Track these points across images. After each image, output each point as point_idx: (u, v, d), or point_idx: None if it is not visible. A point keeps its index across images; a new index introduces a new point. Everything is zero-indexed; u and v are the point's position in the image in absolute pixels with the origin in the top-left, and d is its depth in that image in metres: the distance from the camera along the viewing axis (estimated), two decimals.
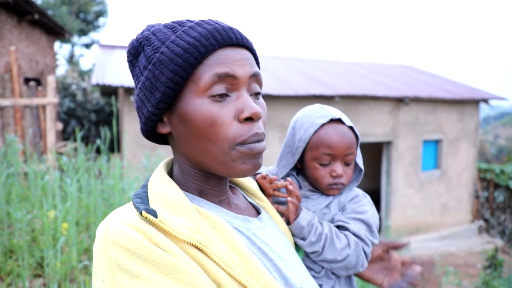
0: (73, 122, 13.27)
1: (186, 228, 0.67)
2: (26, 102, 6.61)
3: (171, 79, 0.71)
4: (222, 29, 0.73)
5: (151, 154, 6.80)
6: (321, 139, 1.00)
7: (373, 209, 1.02)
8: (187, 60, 0.70)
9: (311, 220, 0.95)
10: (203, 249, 0.66)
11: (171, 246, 0.63)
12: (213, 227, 0.71)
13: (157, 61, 0.72)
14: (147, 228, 0.64)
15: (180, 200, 0.71)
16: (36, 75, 9.54)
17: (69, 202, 3.22)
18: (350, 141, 1.00)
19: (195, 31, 0.72)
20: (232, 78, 0.71)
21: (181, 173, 0.81)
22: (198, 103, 0.71)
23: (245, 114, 0.71)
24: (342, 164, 1.01)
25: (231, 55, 0.73)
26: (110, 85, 7.74)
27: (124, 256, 0.60)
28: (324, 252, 0.93)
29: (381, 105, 10.25)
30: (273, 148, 9.18)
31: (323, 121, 1.00)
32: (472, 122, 11.82)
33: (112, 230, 0.64)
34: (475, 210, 12.31)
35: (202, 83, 0.71)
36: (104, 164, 4.36)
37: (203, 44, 0.71)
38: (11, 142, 4.25)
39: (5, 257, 2.93)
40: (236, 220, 0.79)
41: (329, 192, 1.03)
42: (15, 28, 8.25)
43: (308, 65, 13.16)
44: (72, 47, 23.18)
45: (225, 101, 0.72)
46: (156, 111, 0.74)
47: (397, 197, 10.67)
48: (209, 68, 0.71)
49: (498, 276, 7.13)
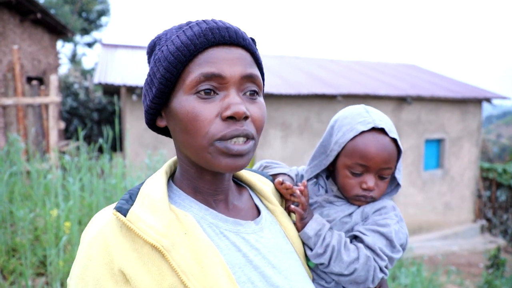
0: (75, 121, 13.30)
1: (154, 230, 0.69)
2: (29, 101, 6.63)
3: (163, 76, 0.74)
4: (216, 28, 0.74)
5: (154, 153, 6.81)
6: (358, 147, 0.92)
7: (399, 224, 0.94)
8: (178, 58, 0.73)
9: (320, 230, 0.90)
10: (164, 253, 0.67)
11: (123, 255, 0.68)
12: (184, 233, 0.71)
13: (157, 58, 0.76)
14: (111, 233, 0.70)
15: (160, 201, 0.73)
16: (39, 74, 9.57)
17: (72, 201, 3.23)
18: (390, 155, 0.92)
19: (192, 30, 0.74)
20: (219, 77, 0.72)
21: (180, 170, 0.84)
22: (184, 99, 0.73)
23: (227, 112, 0.71)
24: (375, 177, 0.94)
25: (221, 54, 0.73)
26: (112, 84, 7.75)
27: (79, 258, 0.71)
28: (330, 264, 0.89)
29: (383, 104, 10.23)
30: (275, 147, 9.18)
31: (364, 128, 0.92)
32: (474, 121, 11.78)
33: (90, 230, 0.73)
34: (478, 209, 12.28)
35: (188, 81, 0.73)
36: (107, 163, 4.36)
37: (193, 42, 0.73)
38: (13, 141, 4.26)
39: (8, 256, 2.94)
40: (225, 223, 0.78)
41: (355, 202, 0.97)
42: (18, 27, 8.27)
43: (310, 64, 13.14)
44: (75, 46, 23.22)
45: (211, 99, 0.73)
46: (152, 105, 0.78)
47: (399, 196, 10.65)
48: (197, 67, 0.73)
49: (500, 275, 7.11)
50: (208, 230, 0.76)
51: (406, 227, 0.97)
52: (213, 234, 0.76)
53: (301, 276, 0.84)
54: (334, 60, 14.90)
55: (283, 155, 9.20)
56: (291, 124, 9.31)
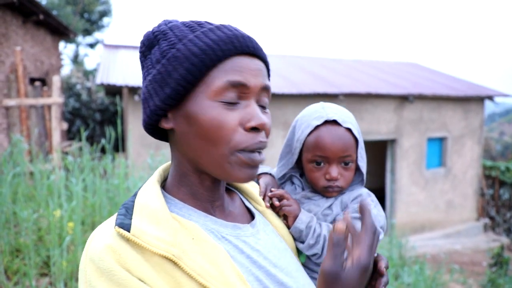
0: (78, 122, 13.34)
1: (161, 241, 0.67)
2: (32, 102, 6.66)
3: (184, 77, 0.71)
4: (241, 37, 0.74)
5: (156, 153, 6.82)
6: (314, 141, 0.98)
7: (377, 208, 1.00)
8: (203, 61, 0.71)
9: (309, 222, 0.94)
10: (176, 262, 0.66)
11: (138, 266, 0.65)
12: (192, 238, 0.71)
13: (172, 57, 0.73)
14: (119, 245, 0.66)
15: (160, 211, 0.71)
16: (41, 75, 9.60)
17: (75, 201, 3.24)
18: (346, 143, 0.97)
19: (215, 34, 0.73)
20: (244, 87, 0.72)
21: (176, 176, 0.81)
22: (207, 105, 0.72)
23: (251, 123, 0.72)
24: (338, 166, 0.98)
25: (246, 63, 0.73)
26: (114, 84, 7.77)
27: (96, 275, 0.64)
28: (323, 254, 0.92)
29: (385, 103, 10.21)
30: (276, 147, 9.18)
31: (318, 122, 0.98)
32: (477, 119, 11.75)
33: (92, 248, 0.67)
34: (481, 207, 12.25)
35: (214, 87, 0.71)
36: (109, 164, 4.38)
37: (221, 48, 0.71)
38: (17, 142, 4.28)
39: (12, 256, 2.96)
40: (225, 228, 0.79)
41: (326, 194, 1.01)
42: (20, 29, 8.30)
43: (312, 63, 13.14)
44: (77, 47, 23.28)
45: (234, 107, 0.73)
46: (162, 106, 0.74)
47: (401, 195, 10.64)
48: (223, 73, 0.71)
49: (504, 274, 7.09)
50: (210, 235, 0.76)
51: (382, 210, 1.02)
52: (215, 239, 0.76)
53: (300, 272, 0.86)
54: (336, 59, 14.89)
55: None
56: None
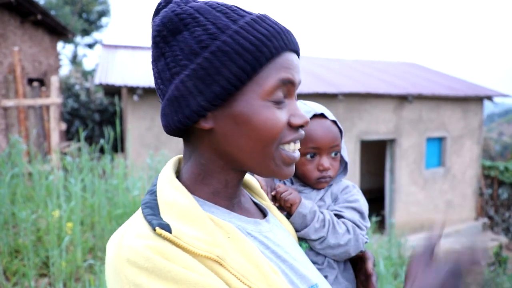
0: (76, 122, 13.32)
1: (202, 241, 0.63)
2: (30, 103, 6.65)
3: (236, 75, 0.65)
4: (287, 32, 0.71)
5: (155, 153, 6.82)
6: (306, 134, 1.01)
7: (363, 198, 1.07)
8: (258, 59, 0.66)
9: (313, 207, 0.98)
10: (221, 262, 0.63)
11: (189, 261, 0.60)
12: (228, 237, 0.68)
13: (219, 51, 0.65)
14: (162, 244, 0.60)
15: (193, 209, 0.66)
16: (40, 76, 9.58)
17: (74, 202, 3.24)
18: (334, 134, 1.04)
19: (262, 27, 0.68)
20: (291, 84, 0.71)
21: (199, 174, 0.75)
22: (260, 105, 0.68)
23: (298, 121, 0.72)
24: (328, 157, 1.04)
25: (292, 60, 0.71)
26: (113, 85, 7.75)
27: (142, 276, 0.57)
28: (328, 237, 0.96)
29: (384, 103, 10.22)
30: None
31: None
32: (476, 120, 11.77)
33: (127, 248, 0.59)
34: (479, 207, 12.27)
35: (267, 86, 0.68)
36: (108, 164, 4.37)
37: (273, 44, 0.67)
38: (15, 142, 4.28)
39: (11, 257, 2.95)
40: (248, 224, 0.76)
41: (318, 186, 1.06)
42: (18, 29, 8.29)
43: (311, 63, 13.14)
44: (75, 47, 23.26)
45: (283, 105, 0.71)
46: (208, 106, 0.67)
47: (401, 194, 10.65)
48: (274, 71, 0.68)
49: (502, 273, 7.11)
50: None
51: (365, 198, 1.09)
52: (246, 238, 0.73)
53: (311, 265, 0.86)
54: (335, 59, 14.90)
55: None
56: None
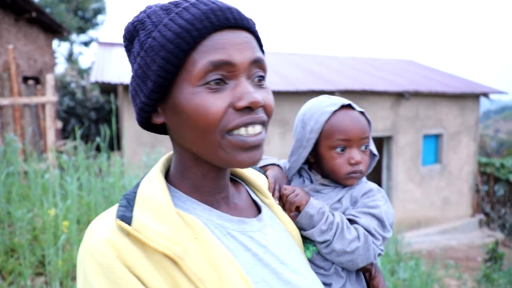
0: (72, 121, 13.26)
1: (163, 237, 0.63)
2: (25, 101, 6.61)
3: (162, 67, 0.65)
4: (218, 9, 0.66)
5: (151, 151, 6.80)
6: (335, 125, 0.97)
7: (387, 205, 0.98)
8: (179, 46, 0.64)
9: (322, 208, 0.92)
10: (177, 262, 0.62)
11: (138, 263, 0.61)
12: (195, 237, 0.67)
13: (149, 47, 0.67)
14: (120, 240, 0.62)
15: (164, 205, 0.67)
16: (35, 74, 9.53)
17: (70, 200, 3.22)
18: (364, 126, 0.98)
19: (189, 12, 0.66)
20: (229, 65, 0.65)
21: (179, 168, 0.77)
22: (191, 92, 0.66)
23: (242, 102, 0.65)
24: (359, 150, 0.98)
25: (228, 38, 0.66)
26: (109, 82, 7.73)
27: (93, 270, 0.61)
28: (333, 241, 0.90)
29: (381, 100, 10.23)
30: (273, 144, 9.18)
31: (334, 108, 0.98)
32: (472, 117, 11.81)
33: (92, 241, 0.63)
34: (476, 204, 12.32)
35: (195, 72, 0.65)
36: (104, 162, 4.35)
37: (196, 27, 0.64)
38: (10, 141, 4.25)
39: (7, 256, 2.94)
40: (230, 223, 0.74)
41: (347, 182, 0.99)
42: (13, 27, 8.23)
43: (308, 61, 13.13)
44: (71, 45, 23.13)
45: (221, 89, 0.66)
46: (148, 101, 0.69)
47: (398, 192, 10.68)
48: (203, 54, 0.65)
49: (498, 269, 7.15)
50: (215, 232, 0.72)
51: (391, 207, 1.00)
52: (221, 236, 0.72)
53: (307, 269, 0.83)
54: (332, 57, 14.90)
55: (282, 151, 9.20)
56: (290, 121, 9.30)
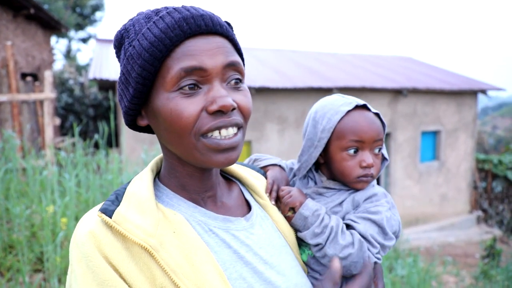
0: (71, 117, 13.24)
1: (141, 230, 0.67)
2: (24, 98, 6.59)
3: (140, 75, 0.69)
4: (190, 17, 0.69)
5: (150, 148, 6.79)
6: (349, 126, 0.93)
7: (391, 211, 0.94)
8: (153, 54, 0.68)
9: (317, 211, 0.90)
10: (152, 253, 0.66)
11: (115, 253, 0.66)
12: (173, 232, 0.70)
13: (130, 55, 0.71)
14: (101, 231, 0.68)
15: (147, 201, 0.72)
16: (33, 70, 9.50)
17: (68, 197, 3.23)
18: (378, 127, 0.95)
19: (164, 21, 0.69)
20: (201, 70, 0.68)
21: (167, 168, 0.81)
22: (166, 97, 0.69)
23: (213, 106, 0.68)
24: (371, 153, 0.95)
25: (200, 45, 0.69)
26: (107, 79, 7.72)
27: (77, 258, 0.66)
28: (326, 246, 0.87)
29: (379, 97, 10.24)
30: (272, 141, 9.19)
31: (349, 108, 0.94)
32: (470, 113, 11.83)
33: (78, 232, 0.69)
34: (474, 200, 12.36)
35: (169, 78, 0.69)
36: (103, 159, 4.35)
37: (168, 36, 0.68)
38: (9, 137, 4.24)
39: (5, 253, 2.94)
40: (215, 220, 0.77)
41: (357, 185, 0.96)
42: (11, 23, 8.20)
43: (306, 58, 13.12)
44: (69, 42, 23.05)
45: (195, 93, 0.70)
46: (131, 105, 0.74)
47: (396, 188, 10.70)
48: (176, 61, 0.68)
49: (496, 265, 7.18)
50: (197, 227, 0.75)
51: (398, 214, 0.97)
52: (202, 232, 0.75)
53: (295, 270, 0.83)
54: (330, 53, 14.89)
55: (280, 148, 9.21)
56: (288, 118, 9.31)
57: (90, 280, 0.64)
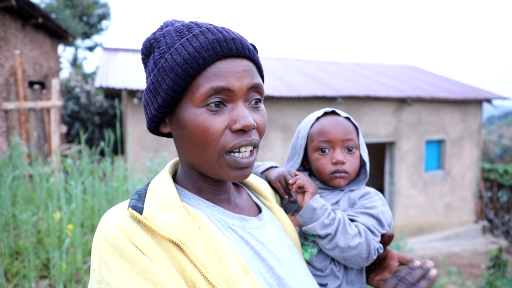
0: (77, 125, 13.34)
1: (170, 226, 0.71)
2: (31, 105, 6.67)
3: (171, 87, 0.75)
4: (223, 40, 0.75)
5: (155, 156, 6.83)
6: (316, 129, 1.06)
7: (384, 206, 1.02)
8: (186, 71, 0.73)
9: (325, 205, 0.97)
10: (182, 248, 0.70)
11: (148, 247, 0.68)
12: (198, 228, 0.75)
13: (161, 67, 0.76)
14: (131, 226, 0.70)
15: (172, 199, 0.76)
16: (40, 79, 9.61)
17: (74, 204, 3.25)
18: (345, 127, 1.05)
19: (198, 40, 0.74)
20: (228, 91, 0.74)
21: (183, 171, 0.87)
22: (194, 112, 0.75)
23: (237, 125, 0.74)
24: (343, 151, 1.05)
25: (229, 67, 0.75)
26: (113, 87, 7.78)
27: (108, 251, 0.67)
28: (336, 236, 0.93)
29: (383, 106, 10.24)
30: (276, 149, 9.20)
31: (318, 114, 1.09)
32: (475, 122, 11.79)
33: (105, 226, 0.71)
34: (479, 210, 12.26)
35: (198, 94, 0.74)
36: (108, 166, 4.39)
37: (202, 55, 0.73)
38: (16, 145, 4.30)
39: (12, 259, 2.97)
40: (232, 219, 0.83)
41: (333, 182, 1.04)
42: (20, 32, 8.32)
43: (310, 66, 13.17)
44: (76, 50, 23.30)
45: (220, 111, 0.75)
46: (157, 113, 0.79)
47: (400, 197, 10.65)
48: (206, 80, 0.74)
49: (502, 276, 7.10)
50: (218, 225, 0.80)
51: (389, 209, 1.05)
52: (222, 229, 0.80)
53: (302, 268, 0.89)
54: (334, 62, 14.93)
55: (284, 157, 9.21)
56: (292, 126, 9.33)
57: (130, 270, 0.65)
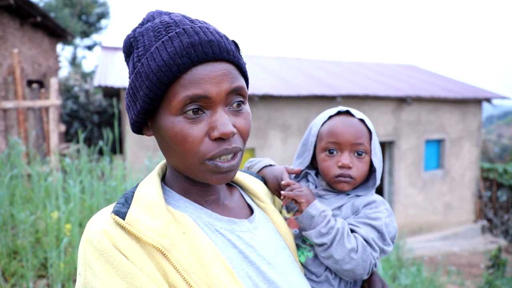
0: (75, 124, 13.31)
1: (153, 231, 0.70)
2: (29, 104, 6.65)
3: (147, 95, 0.72)
4: (198, 44, 0.70)
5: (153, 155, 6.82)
6: (327, 128, 1.01)
7: (390, 218, 0.97)
8: (161, 79, 0.70)
9: (324, 212, 0.92)
10: (164, 253, 0.69)
11: (132, 251, 0.68)
12: (183, 232, 0.74)
13: (138, 72, 0.73)
14: (115, 231, 0.70)
15: (156, 203, 0.75)
16: (39, 78, 9.59)
17: (72, 203, 3.24)
18: (357, 131, 0.99)
19: (172, 45, 0.71)
20: (206, 98, 0.71)
21: (171, 173, 0.85)
22: (171, 120, 0.72)
23: (215, 133, 0.72)
24: (351, 155, 0.99)
25: (206, 73, 0.71)
26: (112, 86, 7.77)
27: (93, 256, 0.68)
28: (332, 247, 0.89)
29: (383, 105, 10.24)
30: (275, 149, 9.19)
31: (331, 113, 1.04)
32: (474, 122, 11.79)
33: (91, 231, 0.71)
34: (478, 209, 12.27)
35: (175, 103, 0.71)
36: (107, 166, 4.37)
37: (176, 62, 0.70)
38: (14, 144, 4.28)
39: (9, 258, 2.95)
40: (220, 222, 0.81)
41: (337, 185, 1.00)
42: (18, 31, 8.30)
43: (309, 65, 13.16)
44: (75, 49, 23.26)
45: (199, 118, 0.72)
46: (137, 119, 0.78)
47: (399, 197, 10.65)
48: (182, 88, 0.70)
49: (501, 275, 7.11)
50: (204, 228, 0.78)
51: (395, 221, 1.00)
52: (209, 232, 0.78)
53: (295, 272, 0.87)
54: (334, 62, 14.92)
55: (283, 156, 9.20)
56: (291, 125, 9.32)
57: (113, 274, 0.66)
